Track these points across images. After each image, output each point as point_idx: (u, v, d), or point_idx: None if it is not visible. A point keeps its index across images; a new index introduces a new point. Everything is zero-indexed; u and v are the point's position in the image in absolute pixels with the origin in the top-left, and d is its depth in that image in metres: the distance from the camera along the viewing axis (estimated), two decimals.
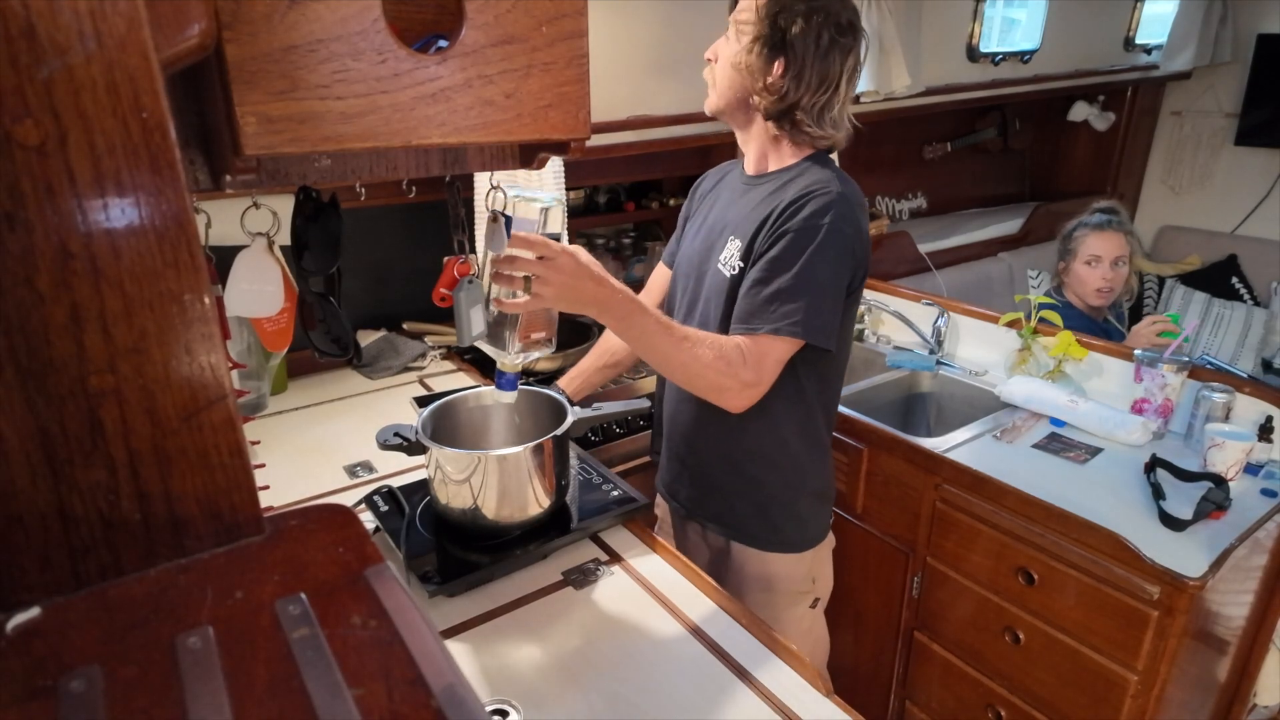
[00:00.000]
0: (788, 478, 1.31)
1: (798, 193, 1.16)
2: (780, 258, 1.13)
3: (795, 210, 1.14)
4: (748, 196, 1.26)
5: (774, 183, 1.24)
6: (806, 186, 1.17)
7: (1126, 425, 1.71)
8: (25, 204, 0.38)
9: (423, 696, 0.37)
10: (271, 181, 0.82)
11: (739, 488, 1.32)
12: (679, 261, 1.41)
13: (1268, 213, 3.43)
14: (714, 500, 1.35)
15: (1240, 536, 1.41)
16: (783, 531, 1.33)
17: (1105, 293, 2.13)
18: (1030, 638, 1.55)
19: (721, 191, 1.37)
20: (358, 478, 1.42)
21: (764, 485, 1.31)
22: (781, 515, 1.33)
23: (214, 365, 0.45)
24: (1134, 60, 3.27)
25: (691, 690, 0.94)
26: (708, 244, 1.30)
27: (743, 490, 1.32)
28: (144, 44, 0.40)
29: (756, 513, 1.32)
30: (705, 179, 1.46)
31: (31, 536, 0.42)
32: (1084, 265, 2.14)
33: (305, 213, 1.01)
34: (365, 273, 2.03)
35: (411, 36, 0.70)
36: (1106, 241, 2.11)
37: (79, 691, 0.36)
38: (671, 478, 1.42)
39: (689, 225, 1.43)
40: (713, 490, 1.35)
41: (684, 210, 1.48)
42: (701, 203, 1.42)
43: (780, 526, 1.33)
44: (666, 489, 1.45)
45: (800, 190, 1.16)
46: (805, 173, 1.21)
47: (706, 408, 1.21)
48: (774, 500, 1.32)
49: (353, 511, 0.51)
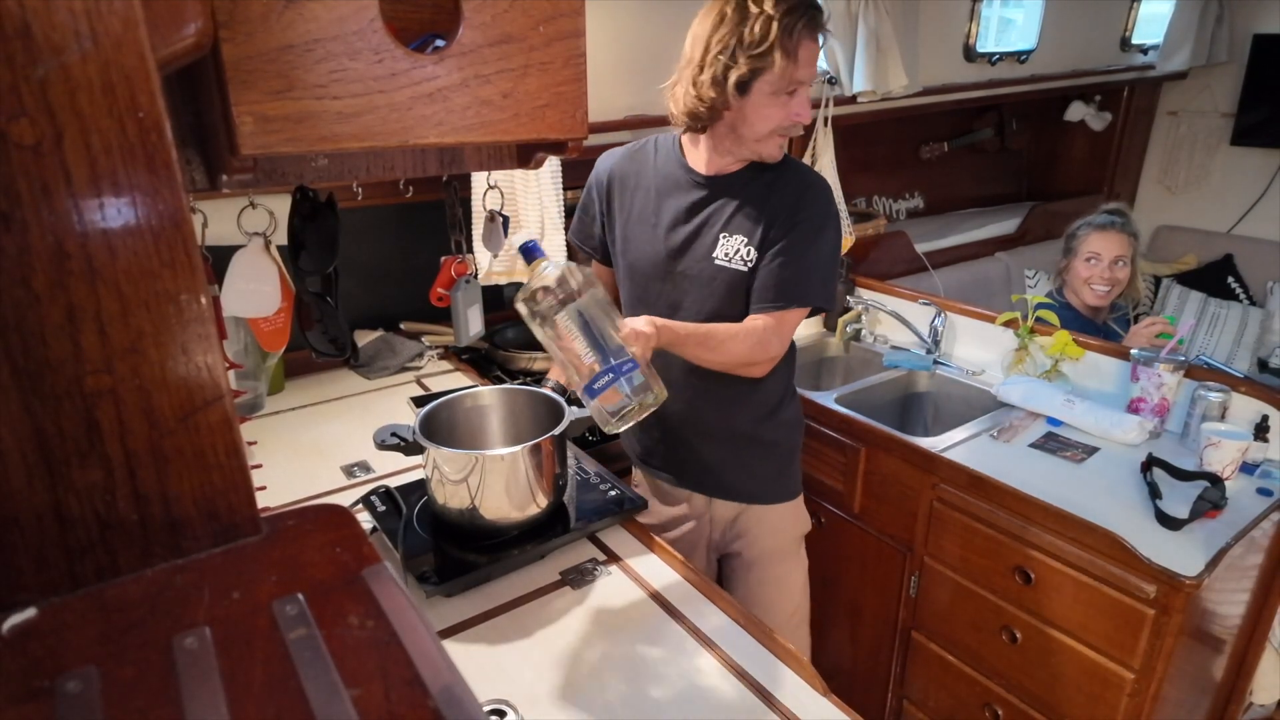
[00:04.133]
0: (792, 432, 1.50)
1: (801, 184, 1.33)
2: (799, 241, 1.29)
3: (806, 200, 1.31)
4: (725, 196, 1.34)
5: (751, 180, 1.34)
6: (804, 179, 1.35)
7: (1123, 425, 1.71)
8: (21, 204, 0.38)
9: (420, 696, 0.37)
10: (268, 181, 0.82)
11: (756, 452, 1.46)
12: (634, 261, 1.42)
13: (1264, 212, 3.43)
14: (728, 471, 1.47)
15: (1236, 535, 1.41)
16: (793, 480, 1.52)
17: (1102, 292, 2.13)
18: (1027, 637, 1.55)
19: (661, 188, 1.40)
20: (355, 478, 1.42)
21: (778, 445, 1.47)
22: (791, 466, 1.51)
23: (211, 365, 0.45)
24: (1130, 60, 3.28)
25: (688, 689, 0.94)
26: (683, 241, 1.35)
27: (760, 453, 1.46)
28: (140, 43, 0.40)
29: (775, 472, 1.49)
30: (615, 171, 1.45)
31: (28, 537, 0.42)
32: (1083, 262, 2.15)
33: (302, 212, 1.01)
34: (362, 272, 2.02)
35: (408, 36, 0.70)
36: (1108, 240, 2.12)
37: (76, 692, 0.36)
38: (666, 453, 1.50)
39: (617, 220, 1.44)
40: (723, 461, 1.46)
41: (596, 202, 1.47)
42: (628, 196, 1.43)
43: (792, 476, 1.52)
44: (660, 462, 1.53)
45: (802, 182, 1.34)
46: (789, 167, 1.36)
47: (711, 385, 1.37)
48: (788, 454, 1.50)
49: (350, 512, 0.51)
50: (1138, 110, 3.55)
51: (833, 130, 2.28)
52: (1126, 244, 2.13)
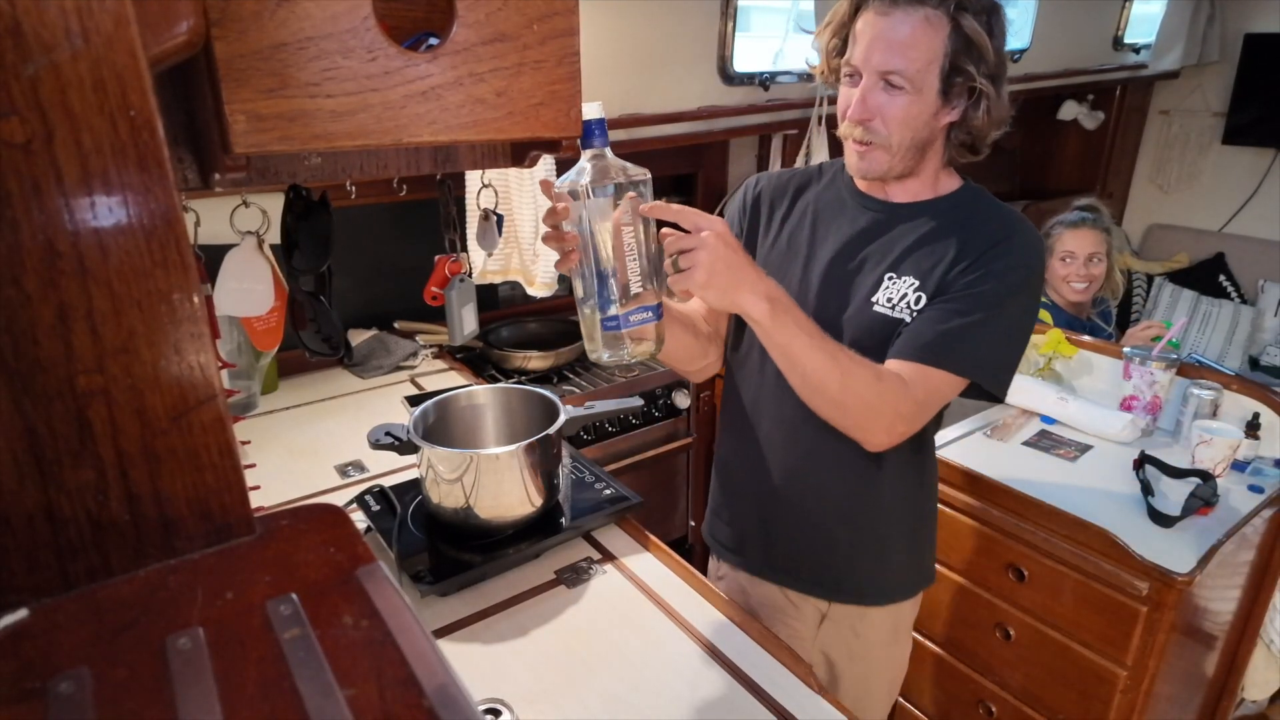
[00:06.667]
0: (930, 501, 1.23)
1: (999, 228, 1.04)
2: (983, 295, 1.01)
3: (1002, 247, 1.02)
4: (903, 227, 1.08)
5: (945, 212, 1.08)
6: (1005, 221, 1.06)
7: (1115, 422, 1.72)
8: (12, 203, 0.38)
9: (415, 696, 0.37)
10: (261, 180, 0.82)
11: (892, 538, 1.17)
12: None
13: (1255, 211, 3.46)
14: (857, 567, 1.17)
15: (1228, 532, 1.42)
16: (930, 563, 1.24)
17: (1080, 289, 2.15)
18: (1021, 634, 1.56)
19: (820, 213, 1.15)
20: (349, 477, 1.42)
21: (924, 526, 1.22)
22: (929, 546, 1.24)
23: (203, 365, 0.44)
24: (1123, 59, 3.29)
25: (684, 688, 0.94)
26: (837, 278, 1.10)
27: (897, 538, 1.18)
28: (132, 41, 0.39)
29: (914, 561, 1.21)
30: (766, 192, 1.21)
31: (19, 538, 0.41)
32: (1059, 261, 2.16)
33: (295, 211, 1.00)
34: (356, 271, 2.02)
35: (402, 34, 0.70)
36: (1080, 238, 2.13)
37: (68, 694, 0.36)
38: (768, 543, 1.21)
39: (758, 252, 1.18)
40: (832, 555, 1.17)
41: (736, 219, 1.22)
42: (775, 222, 1.18)
43: (929, 557, 1.24)
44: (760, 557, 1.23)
45: (1000, 226, 1.05)
46: (985, 203, 1.10)
47: (832, 454, 1.10)
48: (926, 533, 1.23)
49: (344, 511, 0.51)
50: (1130, 109, 3.57)
51: (826, 129, 2.28)
52: (1100, 240, 2.14)
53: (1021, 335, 1.06)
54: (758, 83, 2.21)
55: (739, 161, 2.56)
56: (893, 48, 0.98)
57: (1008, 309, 1.02)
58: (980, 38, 0.97)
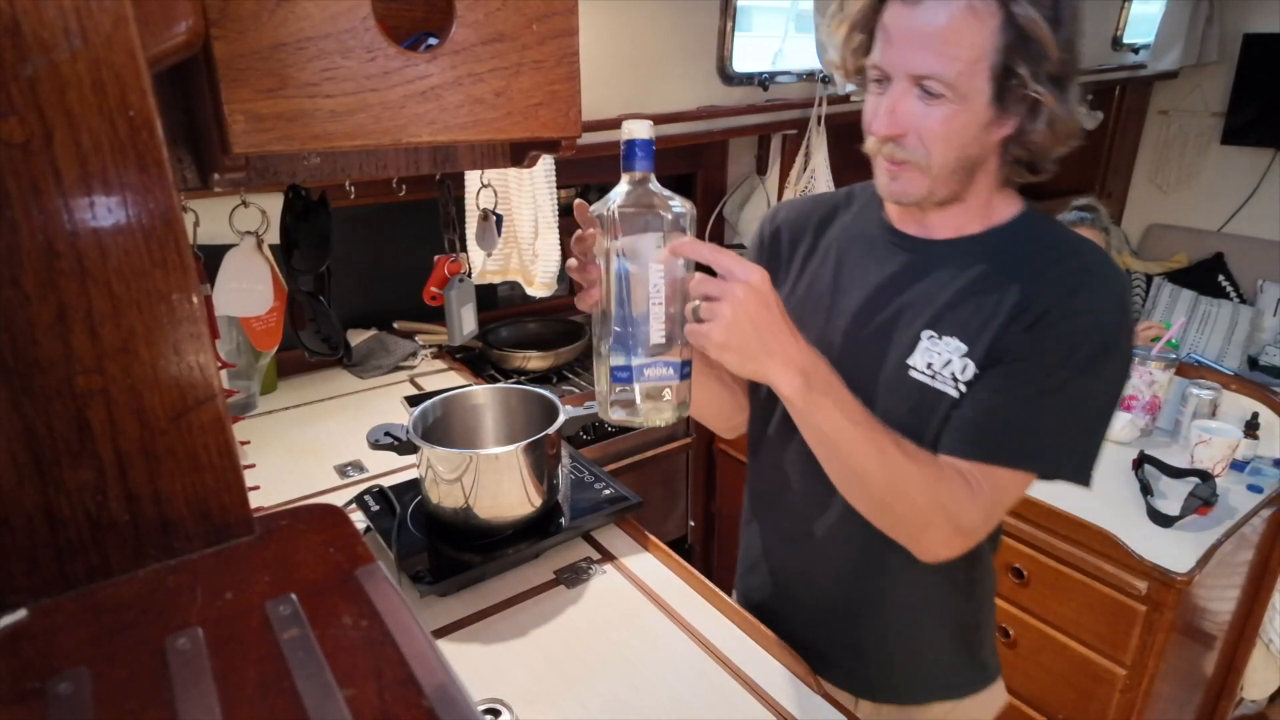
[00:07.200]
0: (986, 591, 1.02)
1: (1071, 272, 0.82)
2: (1056, 366, 0.80)
3: (1080, 300, 0.81)
4: (944, 273, 0.88)
5: (998, 251, 0.87)
6: (1080, 262, 0.83)
7: (1115, 422, 1.72)
8: (10, 203, 0.38)
9: (414, 696, 0.37)
10: (260, 180, 0.82)
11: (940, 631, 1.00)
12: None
13: (1254, 211, 3.46)
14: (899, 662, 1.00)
15: (1227, 532, 1.42)
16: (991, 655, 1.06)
17: None
18: (1021, 634, 1.56)
19: (846, 252, 0.96)
20: (348, 477, 1.42)
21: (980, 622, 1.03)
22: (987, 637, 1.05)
23: (203, 365, 0.44)
24: (1122, 59, 3.29)
25: (684, 688, 0.94)
26: (866, 332, 0.91)
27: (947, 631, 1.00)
28: (131, 41, 0.39)
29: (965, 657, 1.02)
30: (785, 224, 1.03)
31: (18, 538, 0.41)
32: None
33: (295, 211, 1.00)
34: (355, 271, 2.02)
35: (401, 34, 0.70)
36: None
37: (67, 694, 0.36)
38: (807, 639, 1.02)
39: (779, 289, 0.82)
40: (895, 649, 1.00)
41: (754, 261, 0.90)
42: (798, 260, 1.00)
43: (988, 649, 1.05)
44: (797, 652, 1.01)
45: (1074, 269, 0.83)
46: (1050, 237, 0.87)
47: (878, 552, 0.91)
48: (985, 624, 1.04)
49: (343, 511, 0.51)
50: (1129, 109, 3.57)
51: (826, 129, 2.28)
52: (1099, 239, 2.14)
53: (1108, 412, 0.85)
54: (757, 83, 2.21)
55: (738, 162, 2.56)
56: (927, 45, 0.77)
57: (1090, 384, 0.81)
58: (1039, 29, 0.75)
